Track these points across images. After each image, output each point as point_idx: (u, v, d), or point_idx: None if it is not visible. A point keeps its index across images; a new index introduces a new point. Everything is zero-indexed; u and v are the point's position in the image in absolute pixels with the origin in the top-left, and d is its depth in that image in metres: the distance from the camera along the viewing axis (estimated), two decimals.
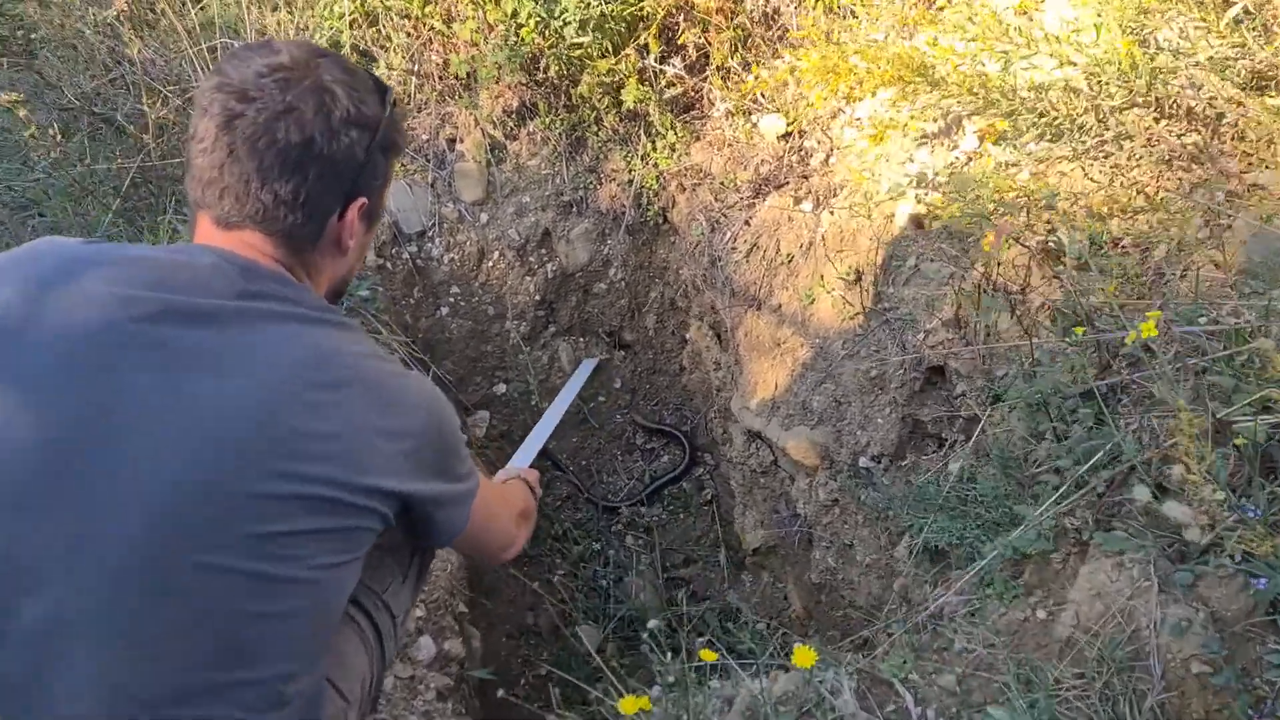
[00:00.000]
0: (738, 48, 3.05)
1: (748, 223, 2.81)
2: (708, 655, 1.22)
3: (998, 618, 1.46)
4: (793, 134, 2.98)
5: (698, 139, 3.12)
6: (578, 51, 2.97)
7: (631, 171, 3.17)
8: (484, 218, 3.19)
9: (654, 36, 2.98)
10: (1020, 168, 2.27)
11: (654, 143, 3.14)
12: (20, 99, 2.40)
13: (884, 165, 2.58)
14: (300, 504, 0.97)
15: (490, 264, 3.24)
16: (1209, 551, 1.27)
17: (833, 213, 2.62)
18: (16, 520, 0.91)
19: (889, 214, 2.44)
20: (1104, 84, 1.90)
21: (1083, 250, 1.69)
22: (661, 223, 3.28)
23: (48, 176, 2.89)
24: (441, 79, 3.11)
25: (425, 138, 3.14)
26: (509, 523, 1.44)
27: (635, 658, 2.99)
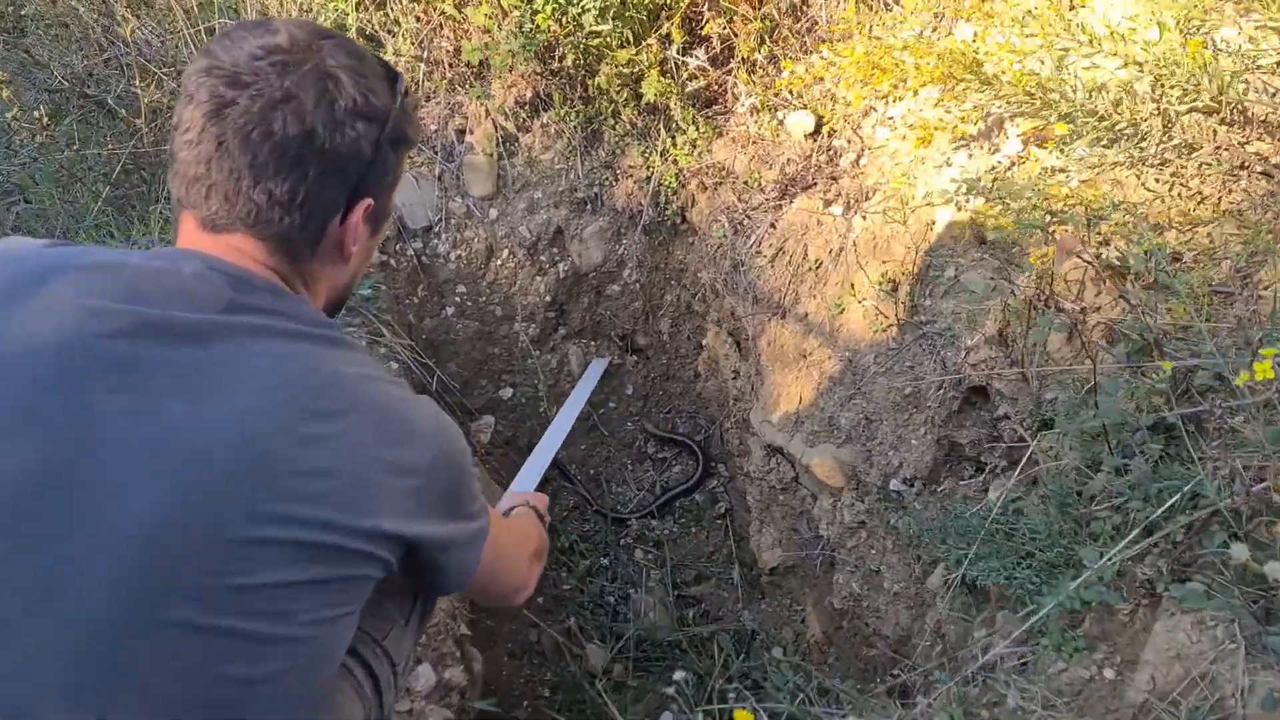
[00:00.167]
0: (764, 40, 2.93)
1: (773, 225, 2.69)
2: (743, 717, 1.11)
3: (1056, 673, 1.34)
4: (821, 132, 2.87)
5: (720, 135, 3.01)
6: (596, 40, 2.85)
7: (650, 168, 3.05)
8: (493, 214, 3.08)
9: (677, 26, 2.86)
10: (1068, 174, 2.16)
11: (674, 138, 3.02)
12: (4, 79, 2.29)
13: (919, 168, 2.46)
14: (292, 551, 0.86)
15: (499, 262, 3.12)
16: None
17: (865, 217, 2.50)
18: None
19: (927, 220, 2.33)
20: (1170, 87, 1.78)
21: (1150, 266, 1.57)
22: (680, 223, 3.16)
23: (34, 161, 2.78)
24: (452, 67, 2.99)
25: (433, 128, 3.02)
26: (522, 563, 1.33)
27: (644, 679, 2.88)
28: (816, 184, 2.73)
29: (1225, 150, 1.89)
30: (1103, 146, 2.06)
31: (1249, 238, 1.72)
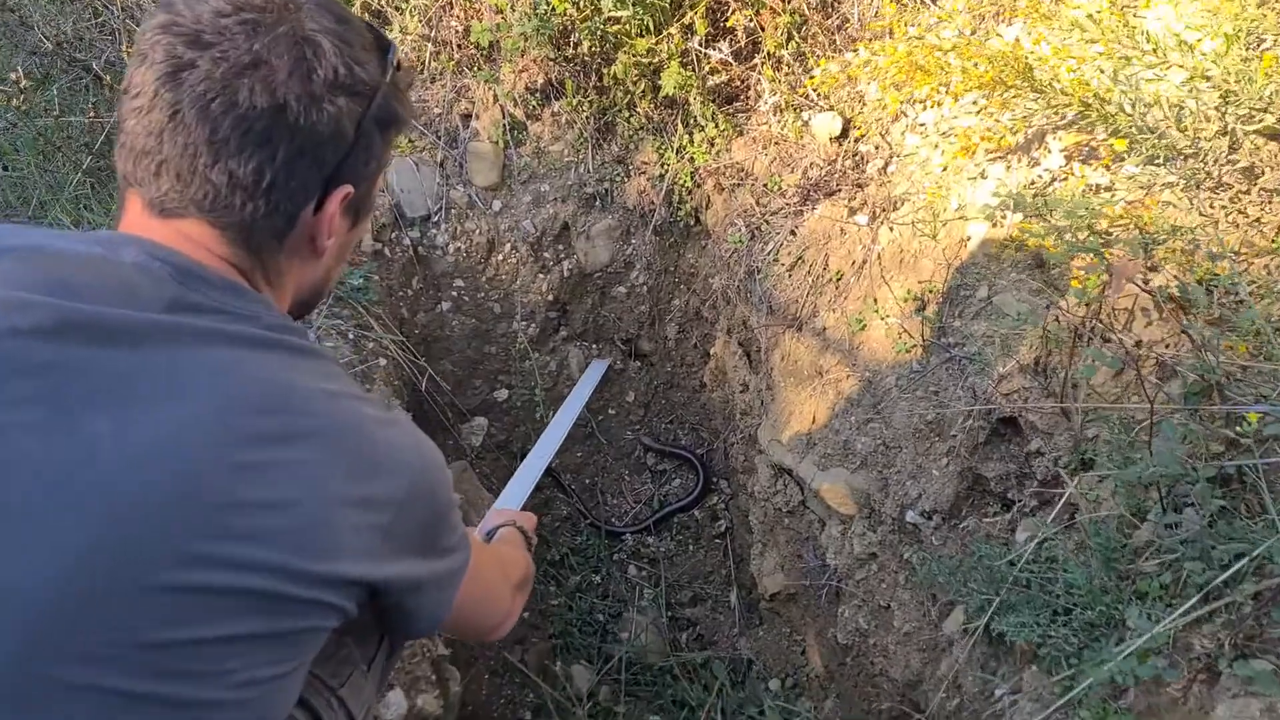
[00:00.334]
0: (792, 35, 2.80)
1: (793, 232, 2.56)
2: None
3: None
4: (848, 136, 2.74)
5: (740, 134, 2.88)
6: (615, 27, 2.72)
7: (664, 165, 2.93)
8: (496, 205, 2.95)
9: (700, 16, 2.73)
10: (1114, 193, 2.03)
11: (691, 135, 2.90)
12: None
13: (952, 179, 2.33)
14: (225, 600, 0.73)
15: (500, 257, 2.99)
16: None
17: (892, 228, 2.37)
18: None
19: (960, 236, 2.20)
20: (1236, 105, 1.65)
21: (1214, 299, 1.44)
22: (693, 224, 3.03)
23: (13, 127, 2.66)
24: (460, 48, 2.86)
25: (437, 112, 2.89)
26: (504, 594, 1.20)
27: (632, 705, 2.76)
28: (841, 190, 2.60)
29: None
30: (1155, 165, 1.93)
31: None
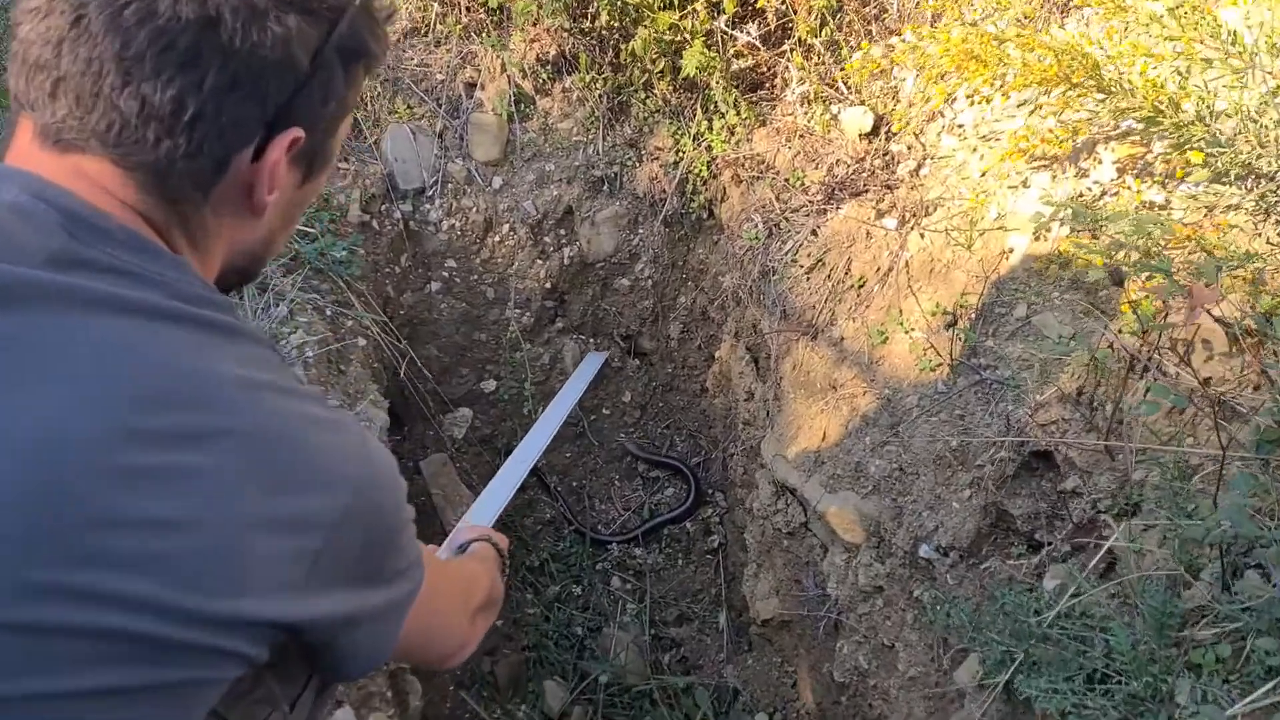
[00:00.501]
0: (826, 21, 2.64)
1: (814, 232, 2.40)
2: None
3: None
4: (879, 134, 2.58)
5: (763, 124, 2.72)
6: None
7: (679, 152, 2.77)
8: (497, 182, 2.78)
9: None
10: (1169, 212, 1.87)
11: (711, 122, 2.74)
12: None
13: (995, 185, 2.17)
14: (86, 645, 0.57)
15: (497, 238, 2.83)
16: None
17: (923, 235, 2.21)
18: None
19: (999, 248, 2.04)
20: None
21: None
22: (706, 218, 2.88)
23: None
24: (469, 10, 2.70)
25: (440, 78, 2.73)
26: (462, 620, 1.03)
27: None
28: (869, 191, 2.44)
29: None
30: (1224, 184, 1.77)
31: None
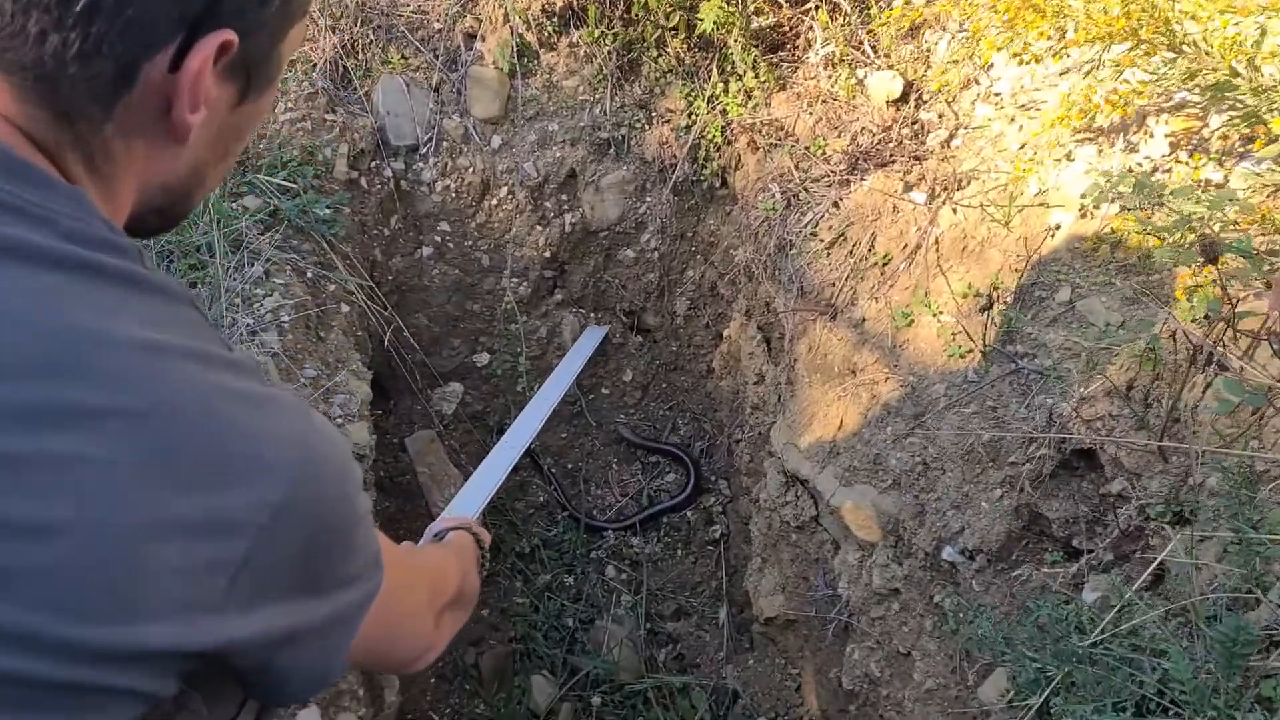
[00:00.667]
0: None
1: (836, 204, 2.26)
2: None
3: None
4: (908, 101, 2.43)
5: (783, 88, 2.57)
6: None
7: (692, 115, 2.62)
8: (496, 142, 2.63)
9: None
10: (1227, 189, 1.73)
11: (727, 84, 2.59)
12: None
13: (1039, 156, 2.03)
14: None
15: (494, 202, 2.68)
16: None
17: (956, 210, 2.07)
18: None
19: (1041, 226, 1.90)
20: None
21: None
22: (718, 186, 2.73)
23: None
24: None
25: (437, 27, 2.57)
26: (426, 620, 0.89)
27: None
28: (896, 162, 2.29)
29: None
30: None
31: None
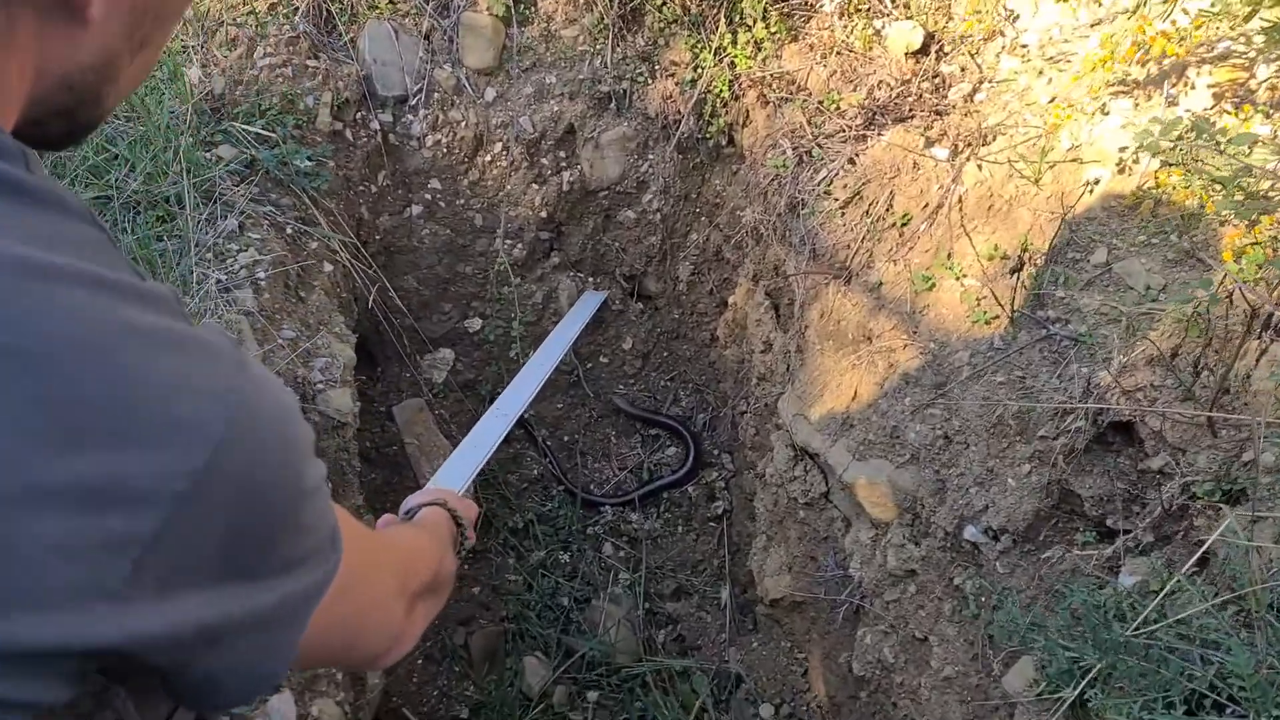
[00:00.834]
0: None
1: (852, 161, 2.14)
2: None
3: None
4: (929, 53, 2.31)
5: (795, 39, 2.45)
6: None
7: (698, 68, 2.51)
8: (490, 94, 2.51)
9: None
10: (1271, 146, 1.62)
11: (735, 35, 2.47)
12: None
13: (1082, 103, 1.92)
14: None
15: (488, 158, 2.57)
16: None
17: (981, 166, 1.96)
18: None
19: (1074, 182, 1.78)
20: None
21: None
22: (725, 144, 2.62)
23: None
24: None
25: None
26: (394, 610, 0.77)
27: (590, 715, 2.39)
28: (915, 116, 2.18)
29: None
30: None
31: None
